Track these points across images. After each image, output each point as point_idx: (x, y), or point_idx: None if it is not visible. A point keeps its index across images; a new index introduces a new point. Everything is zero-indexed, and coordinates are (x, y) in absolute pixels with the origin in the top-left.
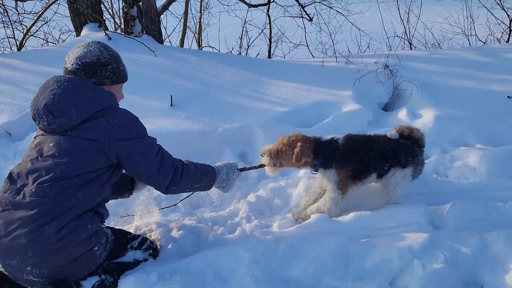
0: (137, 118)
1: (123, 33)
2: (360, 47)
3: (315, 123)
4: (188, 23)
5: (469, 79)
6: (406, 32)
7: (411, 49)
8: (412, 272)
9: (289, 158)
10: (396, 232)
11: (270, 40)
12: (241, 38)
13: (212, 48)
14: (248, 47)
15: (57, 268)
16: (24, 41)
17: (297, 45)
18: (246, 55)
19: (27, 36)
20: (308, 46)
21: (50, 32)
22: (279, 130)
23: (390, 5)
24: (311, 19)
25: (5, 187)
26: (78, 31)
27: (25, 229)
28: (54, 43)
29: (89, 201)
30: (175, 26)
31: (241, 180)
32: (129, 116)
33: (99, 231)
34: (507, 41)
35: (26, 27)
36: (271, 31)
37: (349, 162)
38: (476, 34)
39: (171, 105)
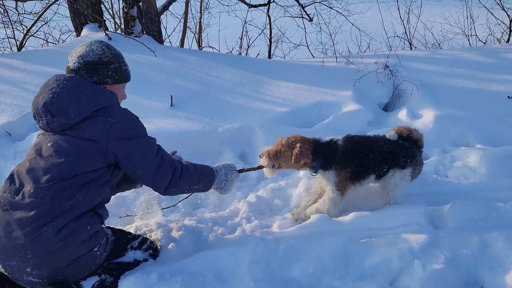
0: (136, 117)
1: (123, 33)
2: (360, 47)
3: (315, 123)
4: (188, 23)
5: (469, 79)
6: (406, 32)
7: (411, 49)
8: (412, 273)
9: (288, 159)
10: (396, 232)
11: (270, 40)
12: (241, 38)
13: (212, 48)
14: (248, 47)
15: (56, 269)
16: (24, 41)
17: (297, 45)
18: (246, 55)
19: (27, 36)
20: (308, 46)
21: (50, 32)
22: (279, 130)
23: (390, 5)
24: (311, 19)
25: (5, 187)
26: (78, 31)
27: (24, 230)
28: (54, 43)
29: (88, 202)
30: (175, 26)
31: (241, 180)
32: (128, 115)
33: (99, 231)
34: (507, 41)
35: (26, 27)
36: (271, 31)
37: (348, 163)
38: (476, 34)
39: (171, 105)
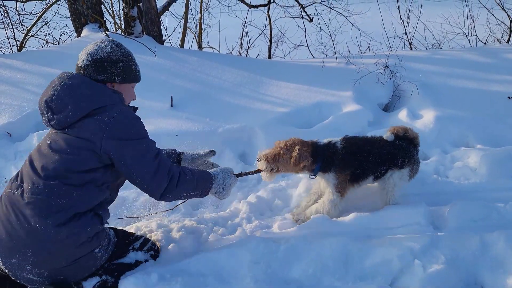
0: (136, 118)
1: (123, 33)
2: (361, 48)
3: (316, 123)
4: (188, 24)
5: (470, 79)
6: (407, 32)
7: (411, 49)
8: (412, 273)
9: (287, 162)
10: (396, 232)
11: (270, 41)
12: (241, 38)
13: (213, 48)
14: (249, 47)
15: (56, 269)
16: (24, 42)
17: (297, 45)
18: (247, 55)
19: (27, 37)
20: (308, 46)
21: (50, 33)
22: (280, 131)
23: (390, 5)
24: (311, 20)
25: (10, 184)
26: (79, 32)
27: (23, 228)
28: (54, 43)
29: (86, 201)
30: (175, 27)
31: (241, 180)
32: (127, 115)
33: (100, 233)
34: (508, 41)
35: (26, 27)
36: (271, 31)
37: (348, 166)
38: (476, 35)
39: (172, 105)
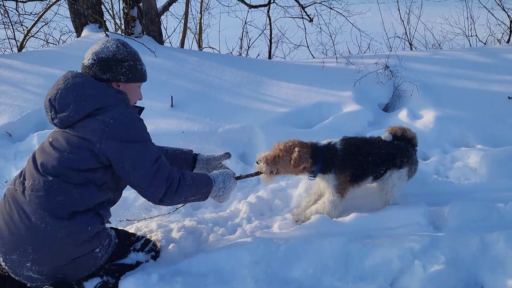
0: (138, 119)
1: (123, 34)
2: (361, 48)
3: (316, 123)
4: (188, 24)
5: (470, 79)
6: (407, 32)
7: (411, 49)
8: (412, 273)
9: (286, 164)
10: (396, 233)
11: (270, 41)
12: (241, 39)
13: (213, 49)
14: (249, 48)
15: (56, 267)
16: (24, 42)
17: (297, 45)
18: (247, 55)
19: (27, 37)
20: (308, 46)
21: (50, 33)
22: (280, 131)
23: (391, 5)
24: (311, 20)
25: (13, 181)
26: (79, 32)
27: (24, 224)
28: (54, 44)
29: (86, 200)
30: (175, 27)
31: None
32: (129, 116)
33: (101, 232)
34: (508, 41)
35: (26, 28)
36: (271, 32)
37: (348, 167)
38: (476, 35)
39: (172, 105)
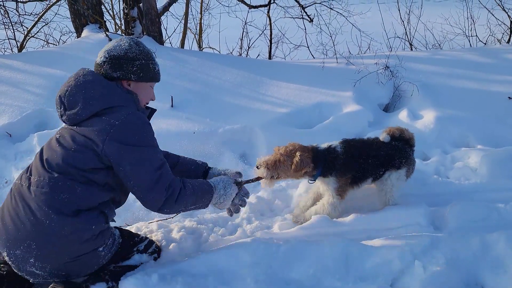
0: (145, 123)
1: (123, 34)
2: (361, 48)
3: (316, 124)
4: (188, 24)
5: (470, 80)
6: (407, 33)
7: (411, 50)
8: (413, 273)
9: (287, 169)
10: (397, 233)
11: (270, 41)
12: (241, 39)
13: (213, 49)
14: (249, 48)
15: (59, 264)
16: (24, 43)
17: (297, 46)
18: (247, 56)
19: (27, 38)
20: (308, 47)
21: (50, 34)
22: (280, 131)
23: (391, 6)
24: (311, 20)
25: (20, 176)
26: (79, 32)
27: (29, 220)
28: (54, 44)
29: (90, 199)
30: (175, 27)
31: None
32: (136, 119)
33: (105, 231)
34: (508, 42)
35: (26, 28)
36: (271, 32)
37: (349, 170)
38: (476, 35)
39: (172, 106)
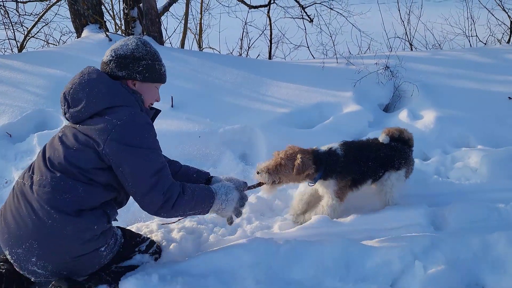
0: (147, 124)
1: (123, 34)
2: (361, 48)
3: (316, 124)
4: (188, 24)
5: (470, 80)
6: (407, 33)
7: (411, 50)
8: (413, 274)
9: (289, 172)
10: (397, 233)
11: (270, 41)
12: (241, 39)
13: (213, 49)
14: (249, 48)
15: (61, 263)
16: (24, 43)
17: (297, 46)
18: (247, 56)
19: (27, 38)
20: (308, 47)
21: (50, 34)
22: (280, 131)
23: (391, 6)
24: (311, 20)
25: (22, 174)
26: (79, 33)
27: (31, 219)
28: (54, 44)
29: (92, 199)
30: (175, 27)
31: None
32: (138, 120)
33: (107, 231)
34: (508, 42)
35: (26, 28)
36: (271, 32)
37: (350, 173)
38: (476, 35)
39: (172, 106)
